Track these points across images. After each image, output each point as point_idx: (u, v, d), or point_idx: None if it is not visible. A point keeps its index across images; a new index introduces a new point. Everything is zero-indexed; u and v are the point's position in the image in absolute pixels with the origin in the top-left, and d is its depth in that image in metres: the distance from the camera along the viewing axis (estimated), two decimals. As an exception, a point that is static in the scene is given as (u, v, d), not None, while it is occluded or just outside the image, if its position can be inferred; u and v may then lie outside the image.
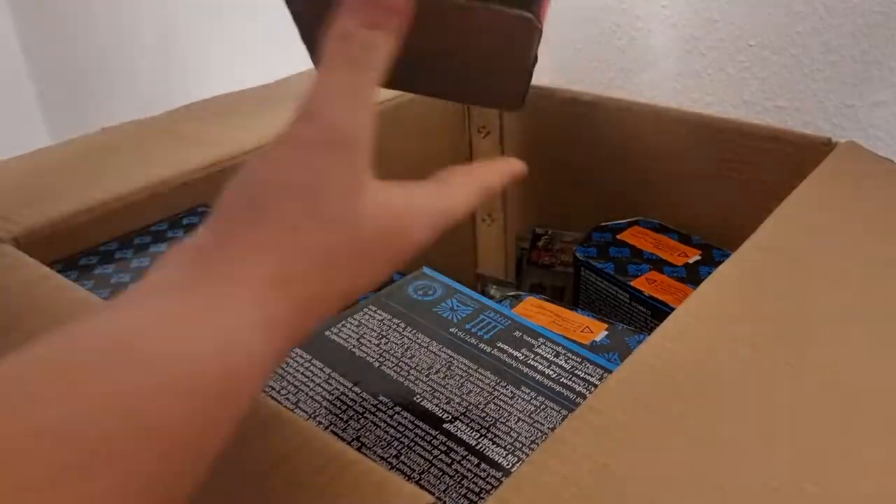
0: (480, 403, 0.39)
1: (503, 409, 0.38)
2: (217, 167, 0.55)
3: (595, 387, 0.40)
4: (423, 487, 0.34)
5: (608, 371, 0.42)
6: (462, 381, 0.40)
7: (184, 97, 0.62)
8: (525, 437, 0.37)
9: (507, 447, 0.36)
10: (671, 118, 0.63)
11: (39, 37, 1.65)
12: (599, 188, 0.69)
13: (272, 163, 0.23)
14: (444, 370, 0.41)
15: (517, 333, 0.44)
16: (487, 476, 0.35)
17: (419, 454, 0.36)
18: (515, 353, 0.43)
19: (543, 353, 0.43)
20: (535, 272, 0.70)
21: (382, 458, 0.35)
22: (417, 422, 0.37)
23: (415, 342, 0.43)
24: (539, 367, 0.42)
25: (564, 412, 0.38)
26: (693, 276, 0.57)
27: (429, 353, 0.42)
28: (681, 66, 0.72)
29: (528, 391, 0.40)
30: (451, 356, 0.42)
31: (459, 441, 0.36)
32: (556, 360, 0.42)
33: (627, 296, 0.56)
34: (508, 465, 0.35)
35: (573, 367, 0.42)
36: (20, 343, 0.17)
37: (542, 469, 0.27)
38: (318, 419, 0.37)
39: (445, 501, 0.34)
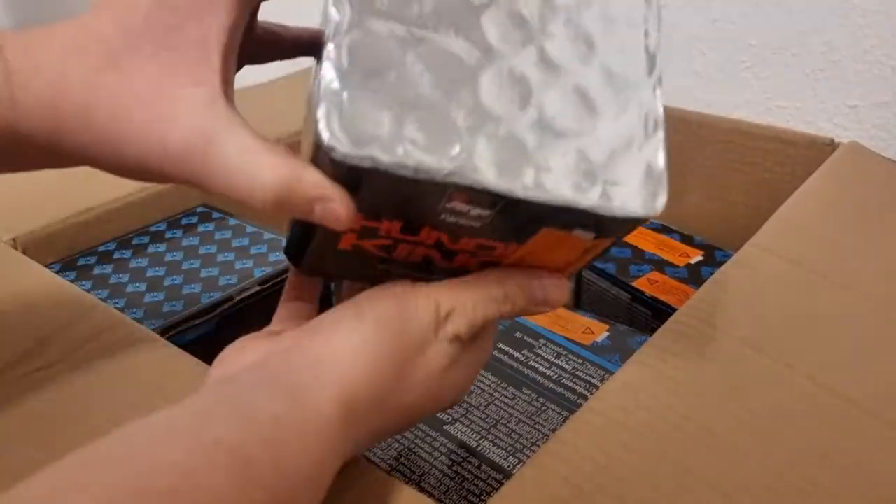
0: (481, 405, 0.39)
1: (504, 411, 0.38)
2: (216, 167, 0.55)
3: (596, 388, 0.40)
4: (424, 489, 0.34)
5: (609, 372, 0.42)
6: (462, 383, 0.40)
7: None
8: (526, 439, 0.36)
9: (508, 449, 0.36)
10: (672, 118, 0.63)
11: (32, 18, 1.65)
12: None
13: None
14: (445, 371, 0.40)
15: (518, 334, 0.44)
16: (488, 478, 0.34)
17: (420, 456, 0.35)
18: (516, 355, 0.42)
19: (544, 355, 0.42)
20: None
21: (383, 461, 0.35)
22: (418, 423, 0.37)
23: (415, 343, 0.42)
24: (540, 369, 0.41)
25: (566, 413, 0.38)
26: (695, 277, 0.57)
27: (429, 355, 0.42)
28: (682, 66, 0.72)
29: (529, 392, 0.39)
30: (452, 357, 0.41)
31: (460, 443, 0.36)
32: (557, 362, 0.42)
33: (629, 296, 0.56)
34: (509, 467, 0.35)
35: (574, 369, 0.42)
36: (18, 345, 0.17)
37: (543, 471, 0.27)
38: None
39: (446, 503, 0.33)
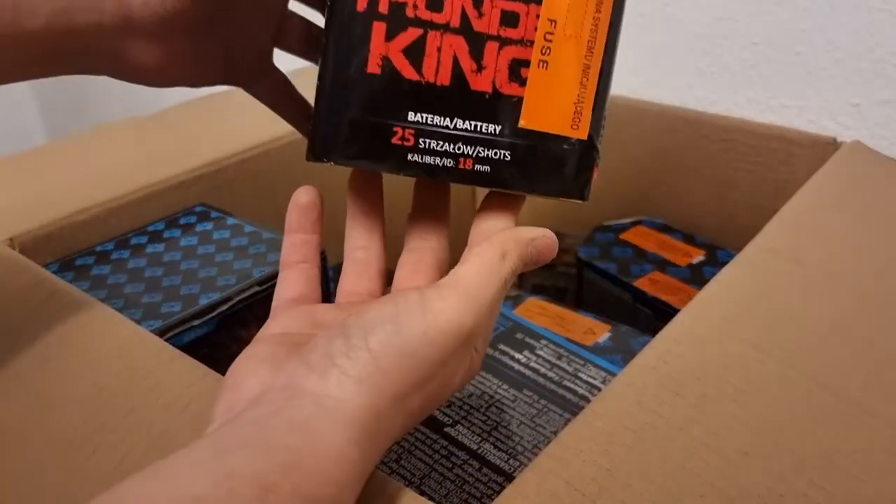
0: (482, 407, 0.38)
1: (505, 413, 0.38)
2: (214, 166, 0.55)
3: (598, 390, 0.40)
4: (424, 492, 0.33)
5: (611, 374, 0.41)
6: (463, 384, 0.39)
7: (180, 95, 0.62)
8: (527, 441, 0.36)
9: (509, 451, 0.36)
10: (674, 116, 0.63)
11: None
12: (602, 187, 0.69)
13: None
14: (445, 373, 0.40)
15: (519, 335, 0.44)
16: (489, 481, 0.34)
17: (420, 458, 0.35)
18: (517, 356, 0.42)
19: (545, 356, 0.42)
20: (537, 273, 0.69)
21: (383, 463, 0.35)
22: (418, 426, 0.37)
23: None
24: (541, 370, 0.41)
25: (567, 415, 0.38)
26: (697, 277, 0.57)
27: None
28: (685, 64, 0.71)
29: (531, 394, 0.39)
30: (452, 358, 0.41)
31: (461, 445, 0.36)
32: (559, 363, 0.42)
33: (630, 297, 0.55)
34: (510, 470, 0.35)
35: (576, 370, 0.41)
36: (15, 348, 0.17)
37: (545, 474, 0.27)
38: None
39: (446, 507, 0.33)
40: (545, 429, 0.37)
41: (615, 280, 0.57)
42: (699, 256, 0.60)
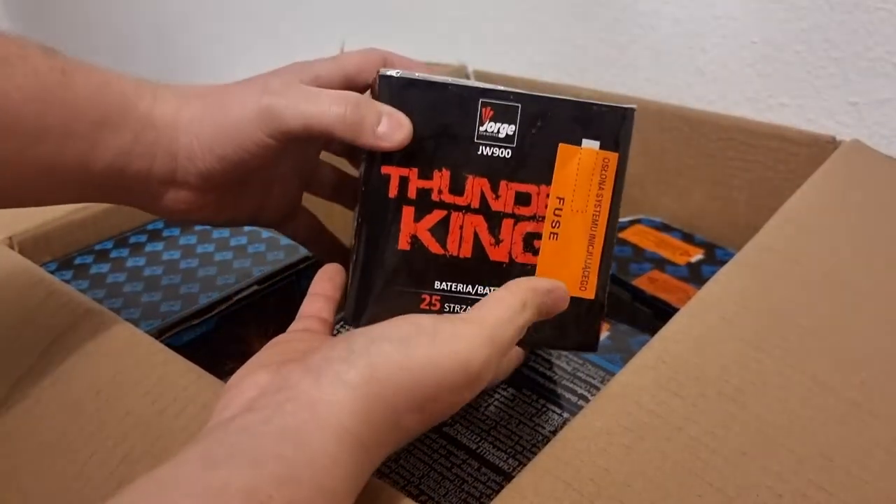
0: (481, 406, 0.38)
1: (503, 412, 0.38)
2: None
3: (597, 389, 0.40)
4: (423, 492, 0.33)
5: (610, 373, 0.41)
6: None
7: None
8: (526, 441, 0.36)
9: (508, 451, 0.36)
10: (673, 115, 0.63)
11: (33, 33, 1.65)
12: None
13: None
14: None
15: (518, 334, 0.44)
16: (488, 480, 0.34)
17: (419, 458, 0.35)
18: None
19: (544, 355, 0.42)
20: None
21: (382, 462, 0.35)
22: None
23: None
24: (540, 369, 0.41)
25: (566, 415, 0.38)
26: (696, 276, 0.57)
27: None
28: (683, 63, 0.71)
29: (529, 393, 0.39)
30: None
31: (459, 444, 0.36)
32: (558, 362, 0.42)
33: (629, 295, 0.55)
34: (509, 469, 0.35)
35: (574, 370, 0.41)
36: (14, 348, 0.17)
37: (544, 473, 0.27)
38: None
39: (445, 506, 0.33)
40: (544, 428, 0.37)
41: (614, 279, 0.57)
42: (698, 255, 0.60)
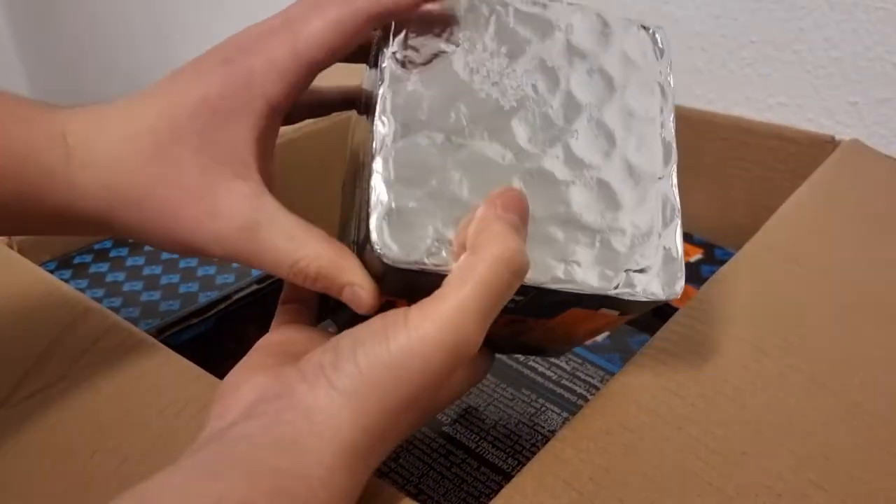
0: (480, 406, 0.38)
1: (503, 412, 0.38)
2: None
3: (596, 389, 0.40)
4: (422, 491, 0.33)
5: (609, 373, 0.41)
6: (461, 383, 0.39)
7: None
8: (525, 440, 0.36)
9: (507, 450, 0.36)
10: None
11: (32, 24, 1.65)
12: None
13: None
14: (443, 371, 0.40)
15: (517, 334, 0.44)
16: (487, 480, 0.34)
17: (418, 457, 0.35)
18: (515, 355, 0.42)
19: (544, 354, 0.42)
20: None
21: (381, 462, 0.35)
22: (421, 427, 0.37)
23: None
24: (539, 369, 0.41)
25: (565, 415, 0.38)
26: (695, 275, 0.57)
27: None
28: (683, 63, 0.71)
29: (529, 393, 0.39)
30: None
31: (459, 444, 0.36)
32: (557, 362, 0.42)
33: (628, 295, 0.55)
34: (508, 469, 0.35)
35: (574, 369, 0.41)
36: (12, 348, 0.17)
37: (543, 473, 0.27)
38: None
39: (444, 506, 0.33)
40: (543, 428, 0.37)
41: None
42: (697, 255, 0.60)
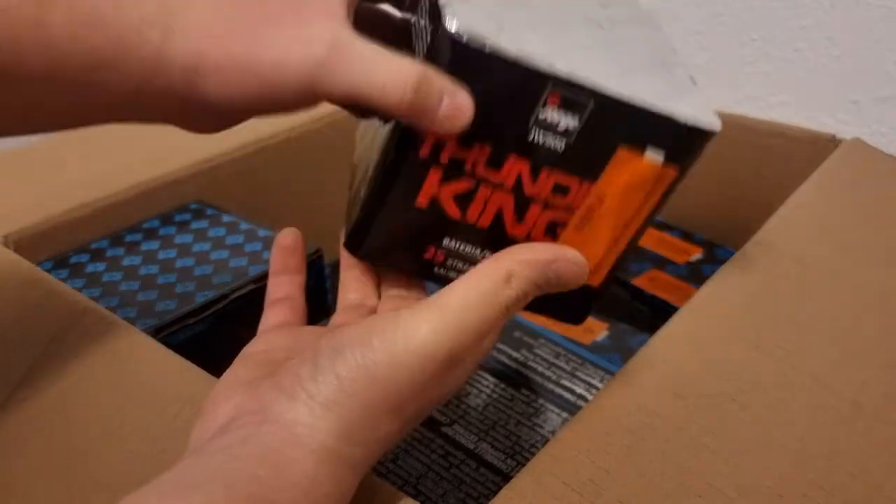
0: (479, 406, 0.38)
1: (502, 412, 0.38)
2: (208, 164, 0.55)
3: (596, 389, 0.40)
4: (421, 492, 0.33)
5: (609, 373, 0.41)
6: (460, 383, 0.39)
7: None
8: (525, 441, 0.36)
9: (507, 451, 0.35)
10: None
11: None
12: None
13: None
14: (442, 371, 0.40)
15: (516, 334, 0.44)
16: (486, 481, 0.34)
17: (417, 458, 0.35)
18: (515, 355, 0.42)
19: (543, 355, 0.42)
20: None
21: (380, 462, 0.35)
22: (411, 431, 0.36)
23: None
24: (539, 369, 0.41)
25: (565, 415, 0.38)
26: (695, 275, 0.56)
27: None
28: (684, 60, 0.71)
29: (528, 393, 0.39)
30: (449, 357, 0.41)
31: (458, 445, 0.36)
32: (557, 362, 0.42)
33: (628, 295, 0.55)
34: (507, 470, 0.34)
35: (574, 369, 0.41)
36: (10, 349, 0.16)
37: (542, 474, 0.26)
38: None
39: (443, 507, 0.33)
40: (543, 428, 0.37)
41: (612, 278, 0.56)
42: (697, 254, 0.60)
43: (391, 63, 0.25)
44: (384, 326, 0.24)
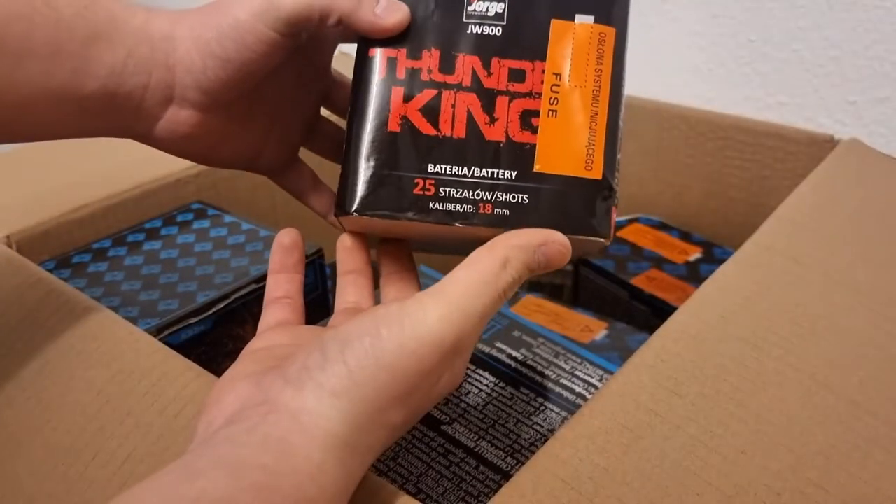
0: (479, 405, 0.38)
1: (502, 411, 0.38)
2: (212, 164, 0.55)
3: (595, 388, 0.40)
4: (421, 490, 0.33)
5: (608, 372, 0.41)
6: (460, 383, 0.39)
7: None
8: (524, 440, 0.36)
9: (506, 449, 0.36)
10: (671, 114, 0.63)
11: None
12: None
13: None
14: (442, 371, 0.40)
15: (516, 333, 0.44)
16: (486, 479, 0.34)
17: (417, 456, 0.35)
18: (514, 354, 0.42)
19: (543, 354, 0.42)
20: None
21: (380, 461, 0.35)
22: (415, 423, 0.37)
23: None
24: (538, 368, 0.41)
25: (564, 414, 0.38)
26: (694, 275, 0.57)
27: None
28: (681, 62, 0.71)
29: (528, 392, 0.39)
30: (450, 356, 0.41)
31: (458, 443, 0.36)
32: (556, 361, 0.42)
33: (627, 294, 0.55)
34: (507, 468, 0.35)
35: (573, 368, 0.41)
36: (13, 348, 0.17)
37: (542, 472, 0.26)
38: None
39: (443, 505, 0.33)
40: (542, 427, 0.37)
41: (612, 277, 0.57)
42: (696, 254, 0.60)
43: None
44: (391, 316, 0.24)
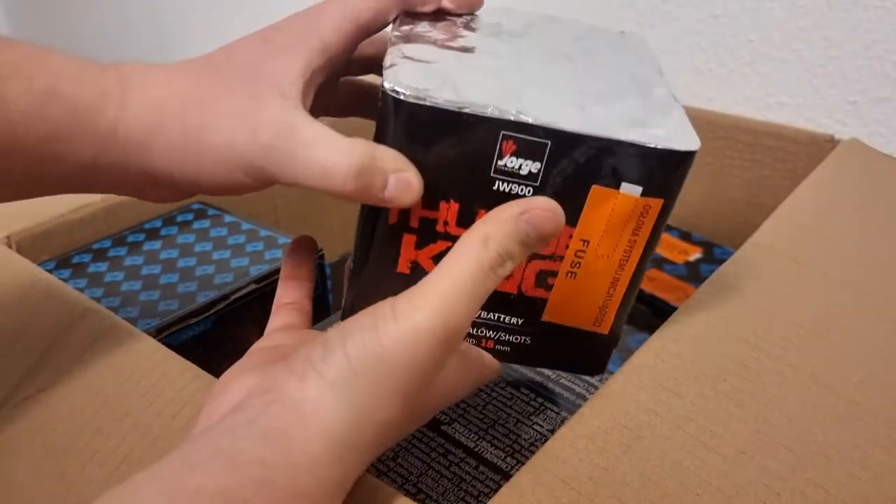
0: (479, 405, 0.38)
1: (502, 411, 0.38)
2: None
3: (595, 388, 0.40)
4: (421, 490, 0.33)
5: (609, 372, 0.41)
6: (460, 382, 0.39)
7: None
8: (524, 440, 0.36)
9: (506, 449, 0.36)
10: (672, 114, 0.63)
11: (31, 26, 1.65)
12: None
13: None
14: (442, 371, 0.40)
15: (516, 333, 0.44)
16: (486, 479, 0.34)
17: (417, 456, 0.35)
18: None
19: (543, 353, 0.42)
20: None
21: (379, 461, 0.35)
22: (415, 429, 0.37)
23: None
24: (538, 368, 0.41)
25: (564, 414, 0.38)
26: (694, 274, 0.57)
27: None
28: (681, 62, 0.71)
29: (528, 392, 0.39)
30: (449, 356, 0.41)
31: (457, 443, 0.36)
32: (556, 361, 0.42)
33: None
34: (507, 468, 0.35)
35: (573, 368, 0.41)
36: (12, 348, 0.17)
37: (542, 472, 0.27)
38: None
39: (443, 505, 0.33)
40: (542, 427, 0.37)
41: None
42: (696, 254, 0.60)
43: (333, 147, 0.25)
44: (385, 312, 0.25)
